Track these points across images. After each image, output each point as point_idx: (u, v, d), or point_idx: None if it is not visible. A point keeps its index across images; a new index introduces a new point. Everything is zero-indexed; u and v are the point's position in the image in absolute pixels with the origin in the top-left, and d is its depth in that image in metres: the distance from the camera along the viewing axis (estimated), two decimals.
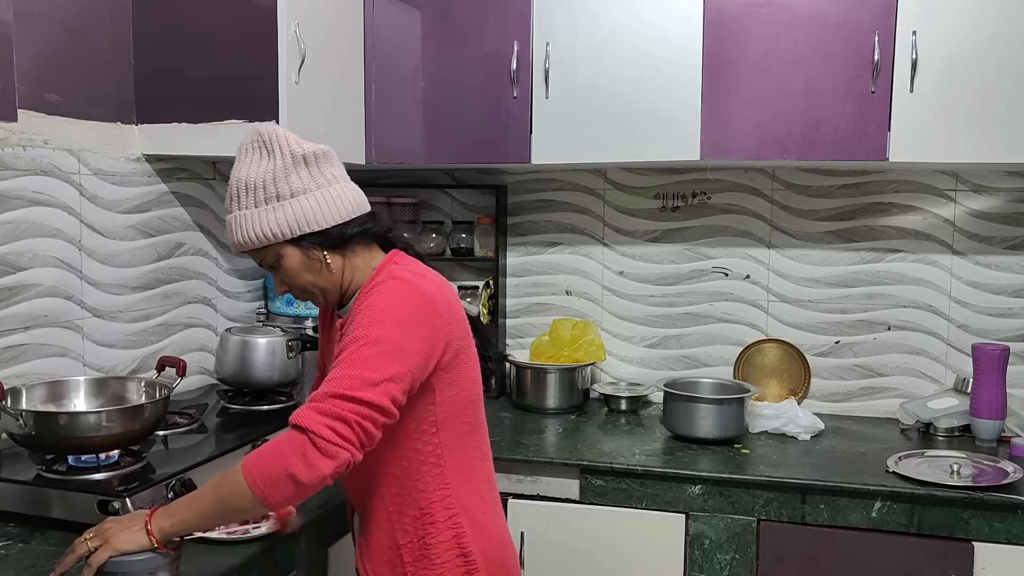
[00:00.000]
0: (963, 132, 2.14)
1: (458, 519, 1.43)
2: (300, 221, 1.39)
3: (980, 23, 2.12)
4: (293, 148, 1.40)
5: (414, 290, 1.37)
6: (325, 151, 1.44)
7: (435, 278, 1.45)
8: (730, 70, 2.27)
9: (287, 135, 1.42)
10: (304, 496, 1.27)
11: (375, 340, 1.29)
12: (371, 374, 1.27)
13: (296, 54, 2.05)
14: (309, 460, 1.23)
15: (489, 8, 2.42)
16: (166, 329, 2.29)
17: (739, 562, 2.07)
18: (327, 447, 1.23)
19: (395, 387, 1.28)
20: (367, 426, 1.26)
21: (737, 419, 2.31)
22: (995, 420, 2.28)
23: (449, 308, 1.41)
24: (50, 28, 1.93)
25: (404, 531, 1.43)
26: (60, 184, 1.96)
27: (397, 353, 1.29)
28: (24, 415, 1.60)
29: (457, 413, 1.44)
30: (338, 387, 1.26)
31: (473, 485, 1.48)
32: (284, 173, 1.39)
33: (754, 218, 2.67)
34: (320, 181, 1.41)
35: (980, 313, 2.52)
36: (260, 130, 1.43)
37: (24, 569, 1.41)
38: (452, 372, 1.41)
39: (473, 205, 2.90)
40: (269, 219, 1.39)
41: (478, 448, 1.51)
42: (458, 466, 1.45)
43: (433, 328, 1.36)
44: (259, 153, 1.41)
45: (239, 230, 1.41)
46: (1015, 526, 1.92)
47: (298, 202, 1.39)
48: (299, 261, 1.42)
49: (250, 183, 1.39)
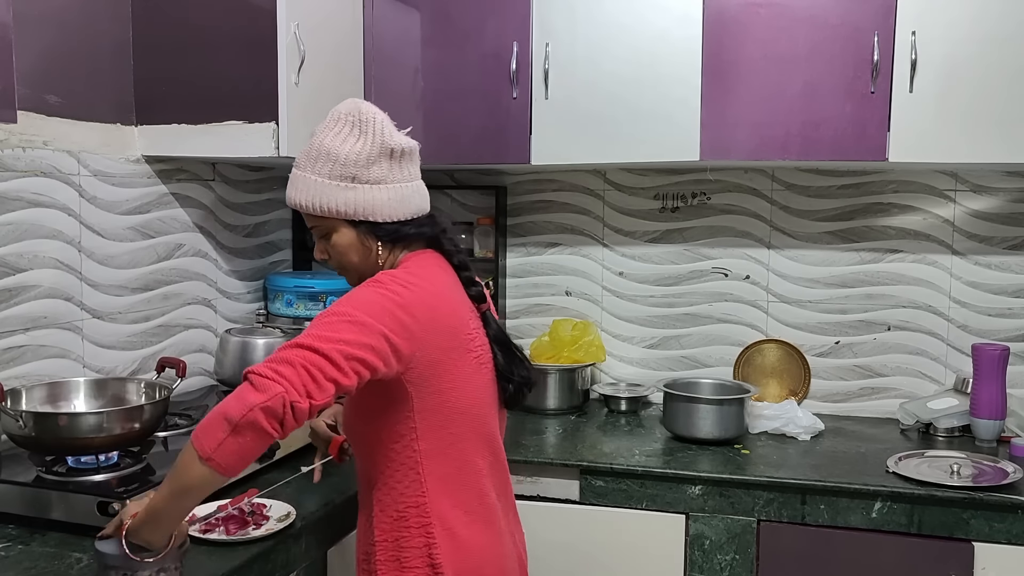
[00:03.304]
0: (962, 132, 2.15)
1: (431, 529, 1.40)
2: (368, 209, 1.41)
3: (979, 23, 2.12)
4: (386, 138, 1.41)
5: (387, 290, 1.35)
6: (411, 148, 1.46)
7: (431, 285, 1.42)
8: (730, 70, 2.27)
9: (384, 122, 1.44)
10: (242, 441, 1.19)
11: (336, 312, 1.29)
12: (327, 332, 1.25)
13: (296, 55, 2.05)
14: (241, 395, 1.20)
15: (488, 9, 2.42)
16: (166, 330, 2.29)
17: (739, 563, 2.07)
18: (260, 381, 1.20)
19: (351, 350, 1.25)
20: (313, 372, 1.22)
21: (737, 420, 2.31)
22: (995, 420, 2.28)
23: (433, 315, 1.38)
24: (50, 29, 1.94)
25: (383, 528, 1.44)
26: (60, 185, 1.96)
27: (360, 325, 1.27)
28: (24, 416, 1.60)
29: (440, 423, 1.41)
30: (292, 340, 1.26)
31: (458, 499, 1.44)
32: (368, 160, 1.40)
33: (754, 218, 2.67)
34: (398, 176, 1.43)
35: (980, 313, 2.52)
36: (361, 107, 1.44)
37: (24, 571, 1.41)
38: (433, 381, 1.38)
39: (473, 206, 2.90)
40: (339, 196, 1.40)
41: (470, 463, 1.46)
42: (440, 477, 1.42)
43: (401, 326, 1.32)
44: (353, 129, 1.42)
45: (305, 192, 1.42)
46: (1015, 526, 1.92)
47: (372, 190, 1.41)
48: (351, 242, 1.44)
49: (333, 154, 1.40)
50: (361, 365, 1.26)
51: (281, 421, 1.20)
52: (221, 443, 1.20)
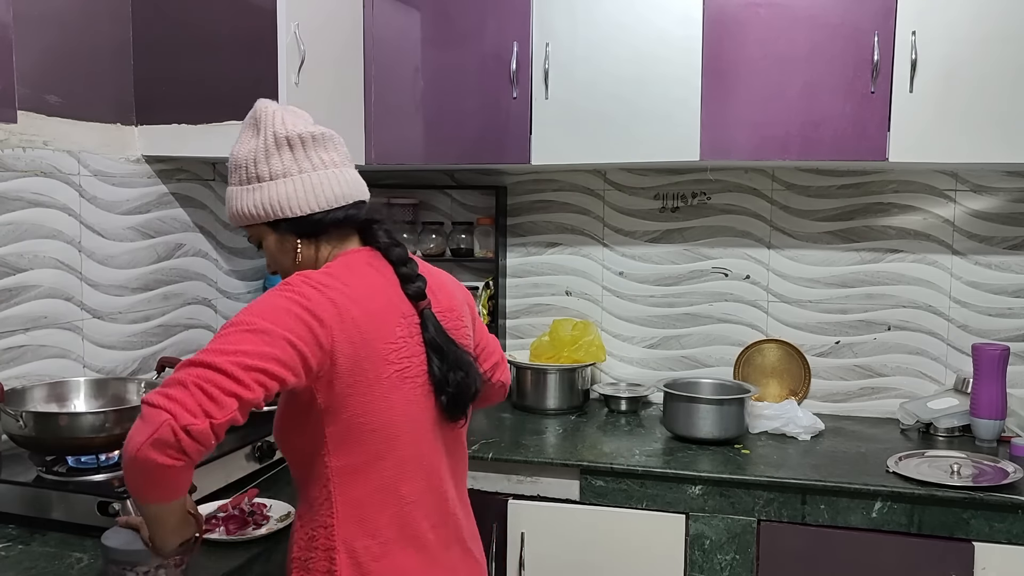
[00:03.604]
0: (962, 132, 2.14)
1: (335, 555, 1.29)
2: (275, 205, 1.34)
3: (979, 23, 2.12)
4: (277, 129, 1.35)
5: (294, 292, 1.25)
6: (316, 134, 1.37)
7: (349, 288, 1.29)
8: (730, 70, 2.27)
9: (276, 114, 1.36)
10: (150, 477, 1.13)
11: (237, 322, 1.20)
12: (224, 345, 1.16)
13: (296, 55, 2.05)
14: (133, 430, 1.13)
15: (488, 9, 2.42)
16: (166, 330, 2.29)
17: (739, 562, 2.07)
18: (148, 412, 1.12)
19: (251, 360, 1.15)
20: (208, 389, 1.12)
21: (737, 419, 2.31)
22: (995, 420, 2.28)
23: (344, 321, 1.25)
24: (50, 30, 1.94)
25: (299, 546, 1.35)
26: (60, 185, 1.96)
27: (261, 333, 1.18)
28: (24, 416, 1.60)
29: (353, 441, 1.29)
30: (188, 358, 1.18)
31: (371, 527, 1.30)
32: (265, 154, 1.35)
33: (754, 218, 2.67)
34: (305, 166, 1.35)
35: (980, 313, 2.52)
36: (258, 105, 1.39)
37: (24, 571, 1.41)
38: (343, 395, 1.26)
39: (473, 206, 2.90)
40: (248, 200, 1.36)
41: (390, 488, 1.31)
42: (352, 500, 1.30)
43: (309, 332, 1.21)
44: (248, 129, 1.39)
45: (227, 205, 1.41)
46: (1015, 526, 1.92)
47: (276, 186, 1.34)
48: (276, 245, 1.39)
49: (236, 159, 1.37)
50: (264, 376, 1.16)
51: (180, 448, 1.10)
52: (133, 482, 1.16)
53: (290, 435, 1.34)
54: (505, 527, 2.20)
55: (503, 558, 2.20)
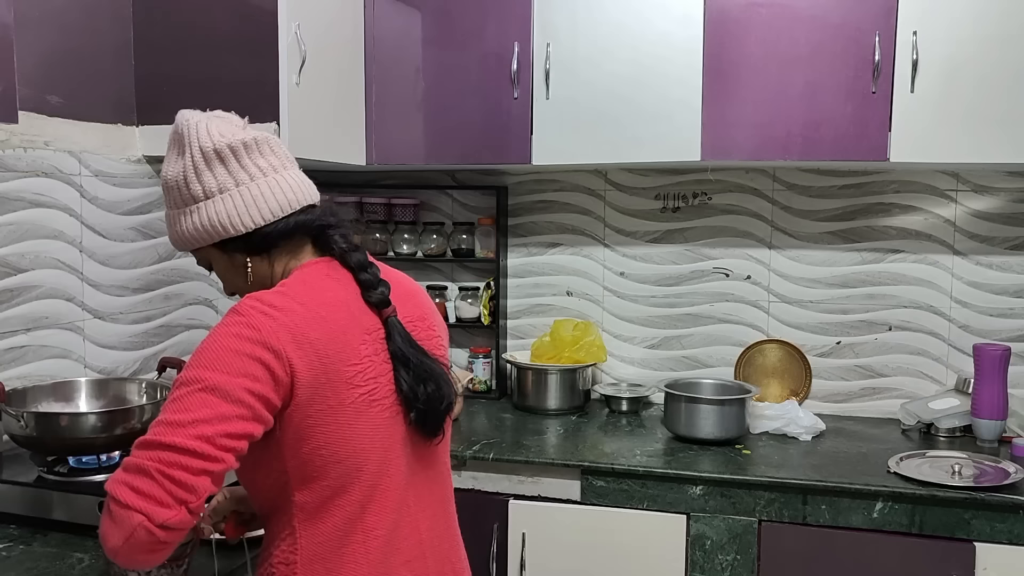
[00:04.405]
0: (964, 132, 2.14)
1: None
2: (216, 226, 1.23)
3: (980, 23, 2.12)
4: (203, 143, 1.23)
5: (244, 325, 1.12)
6: (248, 140, 1.25)
7: (305, 309, 1.17)
8: (731, 71, 2.27)
9: (199, 125, 1.24)
10: (139, 561, 1.08)
11: (188, 380, 1.09)
12: (178, 416, 1.06)
13: (297, 55, 2.05)
14: (103, 532, 1.06)
15: (489, 9, 2.42)
16: (167, 330, 2.30)
17: (740, 563, 2.07)
18: (118, 513, 1.04)
19: (211, 429, 1.06)
20: (174, 474, 1.03)
21: (738, 420, 2.31)
22: (996, 420, 2.28)
23: (301, 346, 1.14)
24: (50, 30, 1.94)
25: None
26: (61, 186, 1.97)
27: (214, 391, 1.08)
28: (25, 416, 1.60)
29: (318, 475, 1.18)
30: (145, 436, 1.08)
31: (333, 564, 1.19)
32: (195, 172, 1.23)
33: (755, 219, 2.67)
34: (241, 177, 1.23)
35: (981, 313, 2.52)
36: (179, 119, 1.27)
37: (25, 571, 1.41)
38: (303, 424, 1.15)
39: (474, 206, 2.90)
40: (187, 223, 1.24)
41: (359, 525, 1.21)
42: (317, 539, 1.19)
43: (265, 369, 1.11)
44: (174, 146, 1.27)
45: (168, 230, 1.30)
46: (1016, 526, 1.92)
47: (215, 204, 1.22)
48: (227, 266, 1.28)
49: (168, 182, 1.26)
50: (229, 439, 1.07)
51: (161, 540, 1.04)
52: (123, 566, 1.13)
53: (251, 472, 1.22)
54: (506, 527, 2.20)
55: (504, 558, 2.20)
